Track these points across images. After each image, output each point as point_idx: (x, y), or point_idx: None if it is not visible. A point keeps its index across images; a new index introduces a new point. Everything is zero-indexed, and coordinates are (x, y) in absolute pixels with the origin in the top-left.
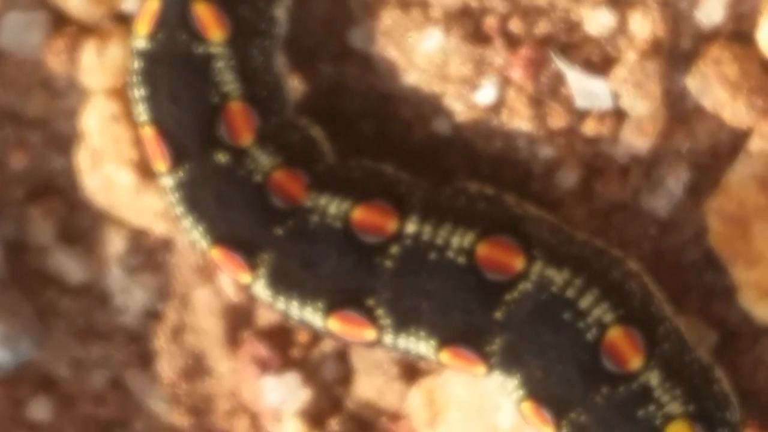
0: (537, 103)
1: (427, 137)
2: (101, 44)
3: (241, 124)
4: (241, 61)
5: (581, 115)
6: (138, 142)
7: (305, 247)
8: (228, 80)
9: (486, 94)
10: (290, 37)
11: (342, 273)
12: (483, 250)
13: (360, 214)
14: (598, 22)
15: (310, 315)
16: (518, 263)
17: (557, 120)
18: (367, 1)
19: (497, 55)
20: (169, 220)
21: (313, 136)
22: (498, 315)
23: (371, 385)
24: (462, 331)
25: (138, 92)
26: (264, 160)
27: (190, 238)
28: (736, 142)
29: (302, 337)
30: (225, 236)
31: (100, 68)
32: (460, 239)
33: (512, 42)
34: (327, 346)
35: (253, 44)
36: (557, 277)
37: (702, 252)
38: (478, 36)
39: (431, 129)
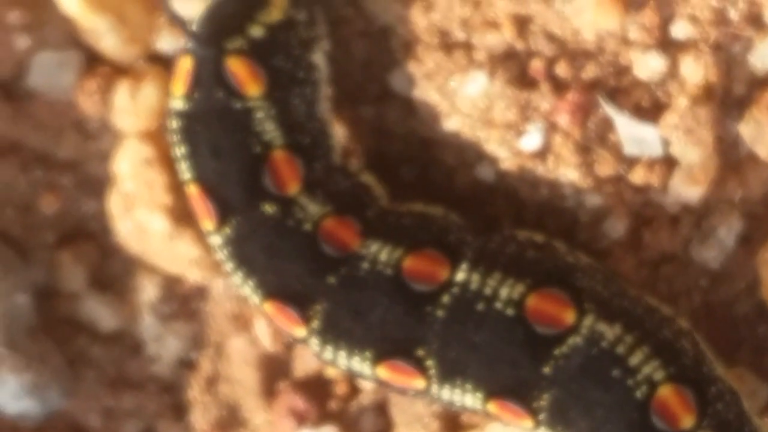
0: (584, 149)
1: (470, 184)
2: (135, 85)
3: (286, 172)
4: (282, 111)
5: (630, 162)
6: (171, 188)
7: (355, 295)
8: (269, 129)
9: (531, 140)
10: (333, 80)
11: (392, 321)
12: (533, 302)
13: (412, 262)
14: (648, 66)
15: (357, 364)
16: (569, 317)
17: (605, 167)
18: (409, 42)
19: (543, 99)
20: (204, 268)
21: (363, 181)
22: (547, 369)
23: None
24: (509, 384)
25: (179, 151)
26: (313, 208)
27: (244, 294)
28: None
29: (340, 389)
30: (277, 290)
31: (133, 110)
32: (509, 290)
33: (559, 86)
34: (366, 398)
35: (293, 93)
36: (608, 332)
37: (754, 304)
38: (523, 80)
39: (474, 176)
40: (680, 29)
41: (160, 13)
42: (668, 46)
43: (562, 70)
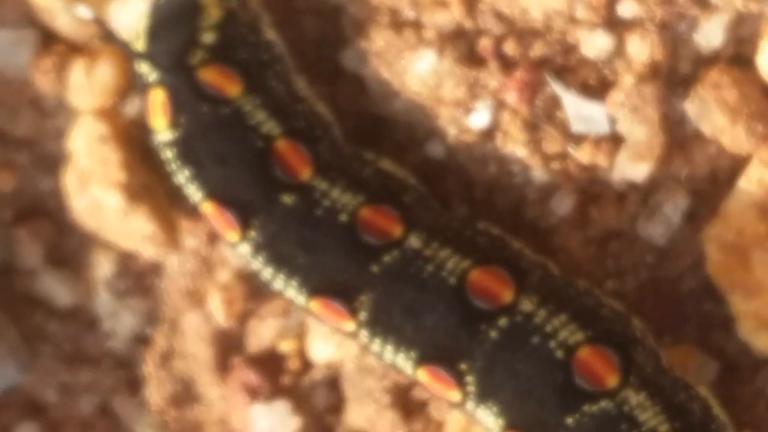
0: (532, 127)
1: (420, 161)
2: (90, 64)
3: (294, 159)
4: (266, 97)
5: (577, 139)
6: (126, 165)
7: (410, 293)
8: (263, 120)
9: (480, 117)
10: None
11: (443, 329)
12: (584, 353)
13: (478, 276)
14: (595, 44)
15: (401, 361)
16: (612, 380)
17: (552, 145)
18: (359, 21)
19: (492, 77)
20: (157, 244)
21: (385, 168)
22: (570, 420)
23: (363, 413)
24: (534, 424)
25: (182, 177)
26: (344, 198)
27: (287, 296)
28: (735, 168)
29: (293, 364)
30: (322, 286)
31: (88, 88)
32: (568, 334)
33: (507, 64)
34: (318, 373)
35: (268, 76)
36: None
37: (700, 281)
38: (472, 58)
39: (424, 153)
40: (626, 8)
41: None
42: (615, 24)
43: (510, 48)
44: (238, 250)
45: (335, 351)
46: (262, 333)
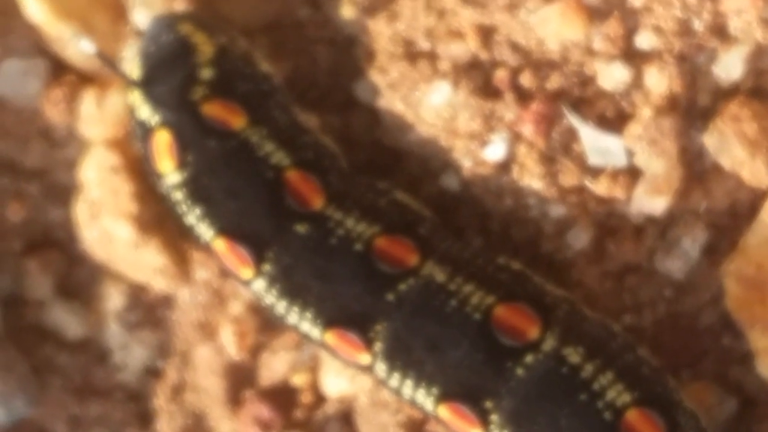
0: (548, 160)
1: (435, 194)
2: (101, 94)
3: (305, 188)
4: (271, 127)
5: (594, 172)
6: (137, 196)
7: (432, 327)
8: (271, 150)
9: (496, 150)
10: (297, 89)
11: (467, 366)
12: (632, 416)
13: (504, 312)
14: (612, 76)
15: (421, 397)
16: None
17: (569, 178)
18: (373, 52)
19: (507, 109)
20: (169, 277)
21: (399, 200)
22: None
23: None
24: None
25: (193, 216)
26: (359, 227)
27: (301, 330)
28: (755, 202)
29: (306, 398)
30: (337, 316)
31: (99, 118)
32: (607, 384)
33: (523, 96)
34: (331, 408)
35: (270, 106)
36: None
37: (719, 316)
38: (487, 90)
39: (439, 185)
40: (645, 40)
41: (126, 22)
42: (633, 56)
43: (526, 80)
44: (253, 288)
45: (348, 385)
46: (275, 366)
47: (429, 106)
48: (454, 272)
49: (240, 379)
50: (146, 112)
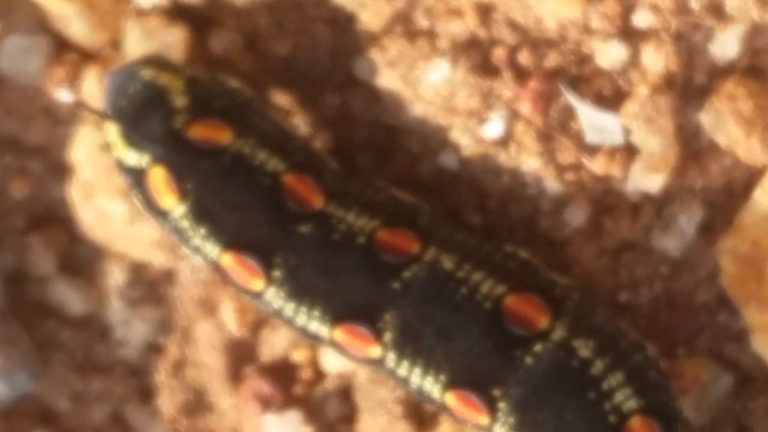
0: (546, 137)
1: (433, 172)
2: (103, 71)
3: (304, 190)
4: (259, 136)
5: (591, 150)
6: None
7: (442, 315)
8: (265, 158)
9: (493, 127)
10: (296, 68)
11: (477, 354)
12: (636, 423)
13: (514, 301)
14: (609, 54)
15: (429, 385)
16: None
17: (566, 155)
18: (372, 30)
19: (505, 87)
20: (166, 250)
21: (396, 195)
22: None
23: (375, 424)
24: None
25: (198, 238)
26: (360, 222)
27: (310, 331)
28: (750, 179)
29: (306, 373)
30: (344, 311)
31: (101, 96)
32: (624, 399)
33: (521, 74)
34: (331, 383)
35: (250, 116)
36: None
37: (715, 293)
38: (486, 68)
39: (438, 163)
40: (642, 18)
41: (128, 1)
42: (630, 34)
43: (524, 58)
44: (265, 298)
45: (348, 361)
46: (275, 342)
47: (427, 84)
48: (461, 260)
49: (240, 355)
50: (133, 158)
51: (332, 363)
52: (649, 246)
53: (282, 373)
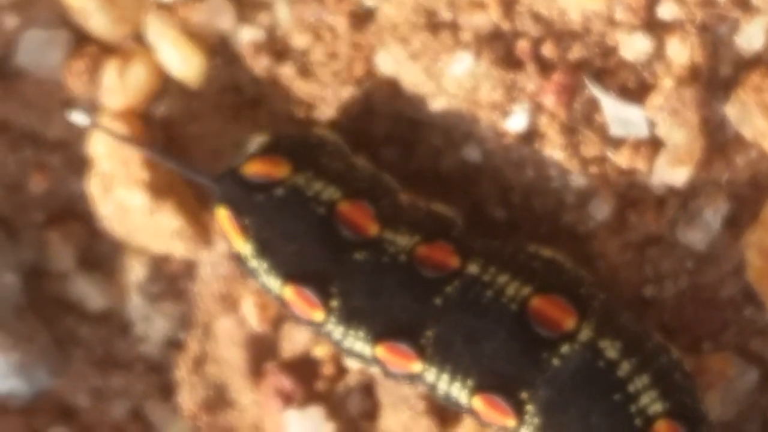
0: (570, 130)
1: (456, 165)
2: (123, 65)
3: (359, 217)
4: (319, 171)
5: (616, 143)
6: (147, 163)
7: (470, 320)
8: (321, 188)
9: (517, 120)
10: (316, 60)
11: (504, 357)
12: (661, 427)
13: (540, 303)
14: (634, 47)
15: (456, 390)
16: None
17: (591, 148)
18: (395, 22)
19: (529, 80)
20: (187, 239)
21: (438, 211)
22: None
23: (397, 420)
24: None
25: (263, 272)
26: (403, 241)
27: (354, 352)
28: None
29: (327, 369)
30: (388, 330)
31: (121, 89)
32: (642, 392)
33: (545, 67)
34: (353, 379)
35: (317, 155)
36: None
37: (740, 287)
38: (509, 60)
39: (461, 156)
40: (666, 10)
41: None
42: (654, 26)
43: (548, 50)
44: (326, 329)
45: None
46: (296, 338)
47: (451, 77)
48: (487, 263)
49: (261, 351)
50: (211, 185)
51: None
52: (674, 240)
53: (303, 368)
